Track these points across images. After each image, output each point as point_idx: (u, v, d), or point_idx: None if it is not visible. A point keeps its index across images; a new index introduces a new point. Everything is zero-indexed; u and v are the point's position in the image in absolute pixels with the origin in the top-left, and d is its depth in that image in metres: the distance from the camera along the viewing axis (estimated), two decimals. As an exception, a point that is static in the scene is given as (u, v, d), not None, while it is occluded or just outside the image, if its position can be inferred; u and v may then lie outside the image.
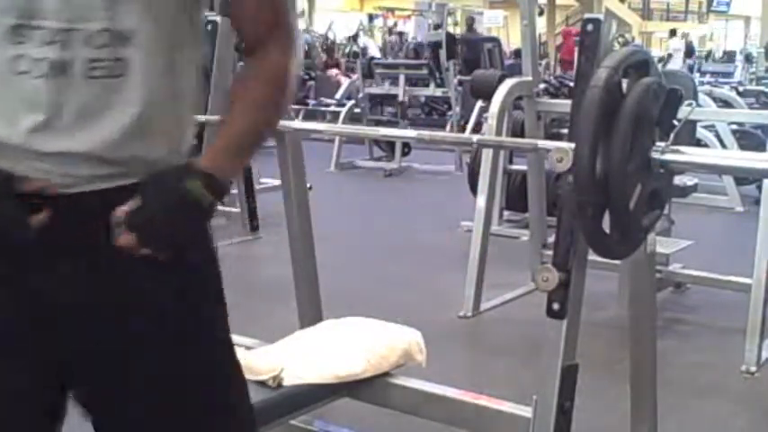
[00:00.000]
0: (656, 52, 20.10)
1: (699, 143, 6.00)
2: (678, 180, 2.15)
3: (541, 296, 2.00)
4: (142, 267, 1.20)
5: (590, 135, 1.73)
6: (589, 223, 1.79)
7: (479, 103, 8.03)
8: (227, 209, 5.84)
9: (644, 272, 2.35)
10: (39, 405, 1.24)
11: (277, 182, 3.55)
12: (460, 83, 10.40)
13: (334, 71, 13.31)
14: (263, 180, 6.08)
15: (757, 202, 5.05)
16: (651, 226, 1.98)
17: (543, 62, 15.03)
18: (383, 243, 5.74)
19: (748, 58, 17.63)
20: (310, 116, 10.99)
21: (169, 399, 1.25)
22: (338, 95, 10.86)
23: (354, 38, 16.43)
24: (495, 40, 13.89)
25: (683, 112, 1.92)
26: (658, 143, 1.80)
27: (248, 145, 1.30)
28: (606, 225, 1.84)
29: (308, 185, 3.01)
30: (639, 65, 1.84)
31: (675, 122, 1.85)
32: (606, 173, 1.75)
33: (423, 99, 11.79)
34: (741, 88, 9.54)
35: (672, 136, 1.82)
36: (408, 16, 19.13)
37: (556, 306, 1.95)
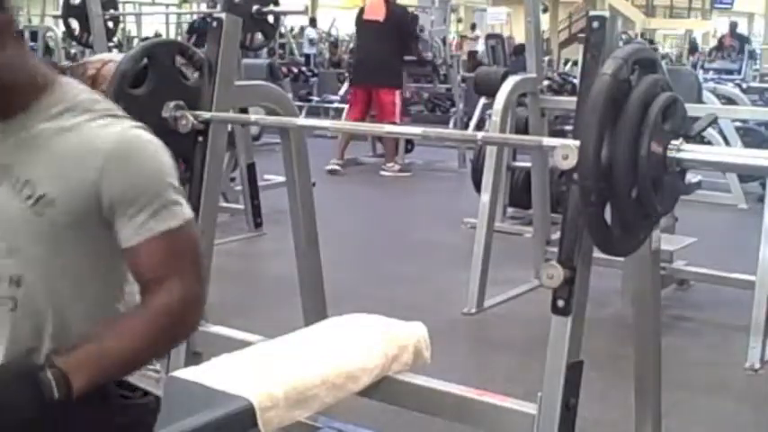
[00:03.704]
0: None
1: (703, 140, 5.99)
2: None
3: (545, 293, 2.00)
4: None
5: (597, 121, 1.73)
6: (592, 211, 1.78)
7: (482, 100, 8.03)
8: (231, 205, 5.85)
9: (648, 269, 2.35)
10: None
11: (280, 178, 3.55)
12: (464, 79, 10.40)
13: None
14: (266, 176, 6.08)
15: (761, 199, 5.06)
16: (657, 220, 1.98)
17: (546, 59, 15.03)
18: (386, 239, 5.74)
19: (752, 55, 17.62)
20: (314, 113, 11.01)
21: None
22: (341, 92, 10.87)
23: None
24: (499, 37, 13.88)
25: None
26: (673, 141, 1.80)
27: (114, 369, 1.45)
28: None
29: (312, 182, 3.01)
30: (647, 62, 1.84)
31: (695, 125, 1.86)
32: (611, 160, 1.75)
33: (426, 95, 11.79)
34: (745, 85, 9.52)
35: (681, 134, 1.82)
36: (411, 13, 19.10)
37: (561, 303, 1.95)
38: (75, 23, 6.32)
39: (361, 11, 8.34)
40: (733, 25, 18.07)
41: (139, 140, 1.48)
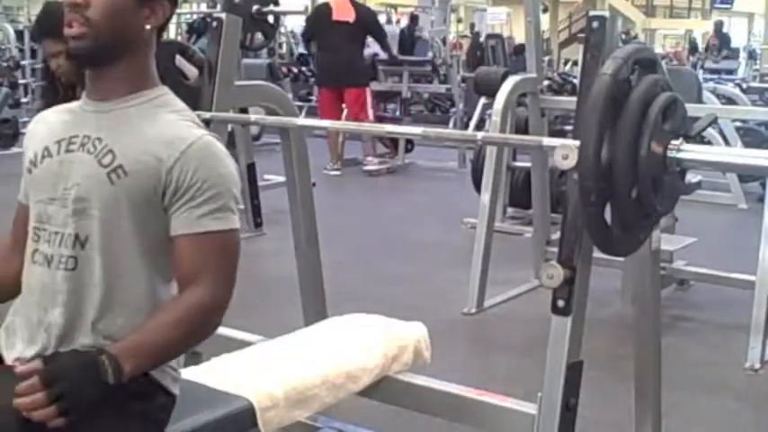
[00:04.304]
0: (658, 50, 20.09)
1: (703, 140, 5.99)
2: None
3: (545, 293, 2.00)
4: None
5: (597, 121, 1.73)
6: (592, 211, 1.78)
7: (482, 100, 8.03)
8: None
9: (648, 269, 2.35)
10: None
11: (281, 178, 3.55)
12: (464, 79, 10.40)
13: None
14: (266, 176, 6.08)
15: (761, 199, 5.06)
16: (657, 220, 1.98)
17: (546, 59, 15.06)
18: (386, 240, 5.74)
19: (752, 55, 17.65)
20: (314, 113, 11.01)
21: None
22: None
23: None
24: (498, 37, 13.88)
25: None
26: (673, 141, 1.80)
27: (154, 359, 1.55)
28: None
29: (312, 182, 3.01)
30: (647, 62, 1.84)
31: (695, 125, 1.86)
32: (611, 160, 1.75)
33: (426, 96, 11.79)
34: (745, 85, 9.52)
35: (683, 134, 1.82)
36: (411, 13, 19.15)
37: (561, 303, 1.95)
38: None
39: (326, 11, 8.20)
40: (718, 24, 18.13)
41: (218, 147, 1.61)
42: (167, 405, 1.64)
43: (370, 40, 8.67)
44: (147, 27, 1.60)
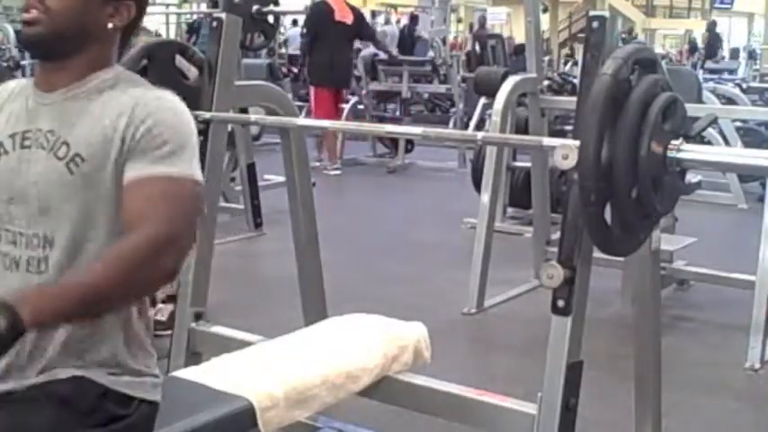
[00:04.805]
0: (658, 50, 20.10)
1: (703, 140, 5.99)
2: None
3: (545, 293, 2.00)
4: None
5: (597, 121, 1.73)
6: (592, 211, 1.79)
7: (482, 100, 8.03)
8: (231, 205, 5.85)
9: (648, 269, 2.35)
10: None
11: (280, 178, 3.55)
12: (464, 79, 10.40)
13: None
14: (266, 176, 6.08)
15: (761, 199, 5.06)
16: (657, 220, 1.98)
17: (546, 59, 15.07)
18: (386, 239, 5.74)
19: (752, 55, 17.67)
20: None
21: None
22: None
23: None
24: (498, 37, 13.88)
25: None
26: (673, 141, 1.81)
27: (70, 304, 1.38)
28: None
29: (312, 182, 3.01)
30: (647, 62, 1.84)
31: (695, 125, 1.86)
32: (611, 159, 1.75)
33: (426, 96, 11.79)
34: (745, 85, 9.52)
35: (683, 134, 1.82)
36: (411, 13, 19.18)
37: (561, 303, 1.95)
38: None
39: (327, 10, 8.08)
40: (710, 24, 18.20)
41: (175, 103, 1.56)
42: (151, 413, 1.61)
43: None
44: (110, 26, 1.56)
